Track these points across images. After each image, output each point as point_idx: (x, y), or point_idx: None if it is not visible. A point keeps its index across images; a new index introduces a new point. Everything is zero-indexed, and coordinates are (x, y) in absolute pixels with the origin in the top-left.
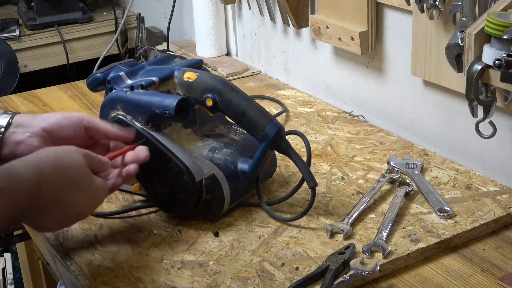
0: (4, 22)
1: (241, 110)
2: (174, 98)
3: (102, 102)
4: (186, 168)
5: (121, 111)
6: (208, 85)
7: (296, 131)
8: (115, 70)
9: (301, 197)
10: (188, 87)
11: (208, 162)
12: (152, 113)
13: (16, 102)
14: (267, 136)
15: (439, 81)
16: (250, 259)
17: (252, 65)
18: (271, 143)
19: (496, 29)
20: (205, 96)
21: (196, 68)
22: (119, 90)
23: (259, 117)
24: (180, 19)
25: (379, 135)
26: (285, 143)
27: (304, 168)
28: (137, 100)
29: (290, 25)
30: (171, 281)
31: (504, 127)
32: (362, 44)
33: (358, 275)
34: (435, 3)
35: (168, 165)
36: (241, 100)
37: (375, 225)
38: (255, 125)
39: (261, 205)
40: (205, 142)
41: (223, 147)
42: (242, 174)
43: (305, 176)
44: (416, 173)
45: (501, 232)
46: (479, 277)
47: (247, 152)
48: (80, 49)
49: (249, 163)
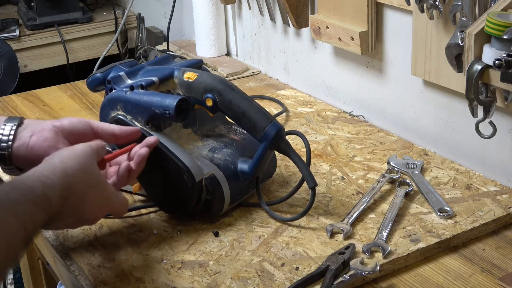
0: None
1: (241, 110)
2: (174, 98)
3: (102, 102)
4: (186, 168)
5: (121, 111)
6: (208, 85)
7: (296, 131)
8: (115, 70)
9: (301, 197)
10: (188, 87)
11: (208, 162)
12: (152, 113)
13: (16, 102)
14: (267, 136)
15: (439, 81)
16: (250, 259)
17: (252, 65)
18: (271, 143)
19: (496, 29)
20: (205, 96)
21: (196, 68)
22: (119, 90)
23: (259, 117)
24: (180, 19)
25: (379, 135)
26: (285, 143)
27: (304, 168)
28: (137, 100)
29: (290, 25)
30: (171, 281)
31: (504, 127)
32: (362, 44)
33: (358, 275)
34: (435, 3)
35: (168, 165)
36: (241, 100)
37: (375, 225)
38: (255, 125)
39: (261, 205)
40: (205, 142)
41: (223, 147)
42: (242, 174)
43: (305, 176)
44: (416, 173)
45: (501, 232)
46: (479, 277)
47: (247, 152)
48: (80, 49)
49: (249, 163)
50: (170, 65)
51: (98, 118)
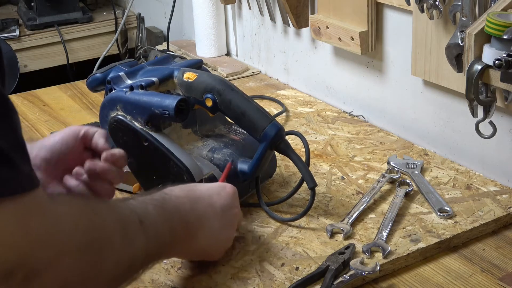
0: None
1: (240, 110)
2: (173, 98)
3: (102, 102)
4: (185, 169)
5: (120, 111)
6: (207, 85)
7: (295, 131)
8: (115, 70)
9: (301, 197)
10: (188, 87)
11: (208, 163)
12: (152, 113)
13: (16, 102)
14: (267, 137)
15: (439, 81)
16: (250, 259)
17: (252, 65)
18: (271, 143)
19: (496, 29)
20: (205, 96)
21: (196, 68)
22: (119, 90)
23: (258, 118)
24: (180, 19)
25: (379, 135)
26: (284, 143)
27: (303, 168)
28: (136, 101)
29: (290, 25)
30: (171, 281)
31: (504, 127)
32: (362, 44)
33: (358, 275)
34: (435, 3)
35: (167, 165)
36: (241, 100)
37: (375, 225)
38: (255, 125)
39: (260, 205)
40: (204, 142)
41: (223, 147)
42: (241, 174)
43: (304, 176)
44: (416, 173)
45: (501, 232)
46: (479, 277)
47: (247, 152)
48: (80, 49)
49: (248, 164)
50: (170, 65)
51: (98, 118)
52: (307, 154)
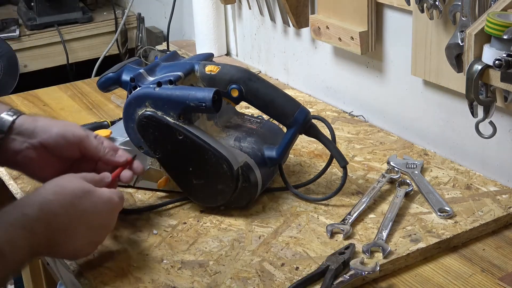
0: (4, 22)
1: (269, 98)
2: (208, 90)
3: (127, 100)
4: (224, 158)
5: (150, 108)
6: (232, 76)
7: (318, 116)
8: (127, 69)
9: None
10: (211, 79)
11: (238, 151)
12: (186, 106)
13: (16, 102)
14: (297, 121)
15: (439, 81)
16: (250, 259)
17: (252, 65)
18: (301, 127)
19: (496, 29)
20: (230, 87)
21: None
22: (146, 87)
23: (287, 104)
24: (180, 19)
25: (379, 135)
26: (313, 127)
27: (334, 149)
28: (168, 95)
29: (290, 25)
30: (171, 281)
31: (504, 127)
32: (362, 44)
33: (358, 275)
34: (435, 3)
35: (205, 156)
36: (268, 88)
37: (375, 225)
38: (284, 111)
39: (289, 189)
40: (228, 132)
41: (246, 136)
42: (269, 160)
43: (335, 156)
44: (416, 173)
45: (501, 232)
46: (479, 277)
47: (267, 139)
48: (80, 49)
49: (275, 149)
50: (181, 60)
51: (98, 118)
52: (333, 136)
